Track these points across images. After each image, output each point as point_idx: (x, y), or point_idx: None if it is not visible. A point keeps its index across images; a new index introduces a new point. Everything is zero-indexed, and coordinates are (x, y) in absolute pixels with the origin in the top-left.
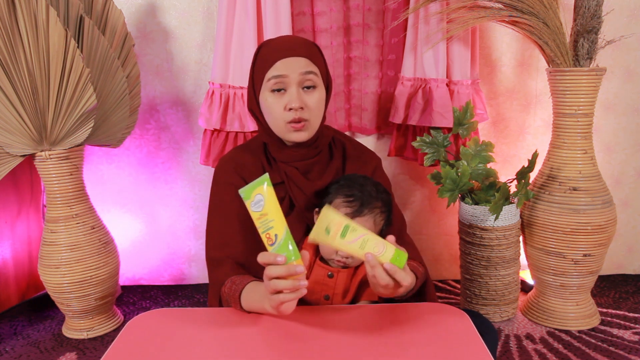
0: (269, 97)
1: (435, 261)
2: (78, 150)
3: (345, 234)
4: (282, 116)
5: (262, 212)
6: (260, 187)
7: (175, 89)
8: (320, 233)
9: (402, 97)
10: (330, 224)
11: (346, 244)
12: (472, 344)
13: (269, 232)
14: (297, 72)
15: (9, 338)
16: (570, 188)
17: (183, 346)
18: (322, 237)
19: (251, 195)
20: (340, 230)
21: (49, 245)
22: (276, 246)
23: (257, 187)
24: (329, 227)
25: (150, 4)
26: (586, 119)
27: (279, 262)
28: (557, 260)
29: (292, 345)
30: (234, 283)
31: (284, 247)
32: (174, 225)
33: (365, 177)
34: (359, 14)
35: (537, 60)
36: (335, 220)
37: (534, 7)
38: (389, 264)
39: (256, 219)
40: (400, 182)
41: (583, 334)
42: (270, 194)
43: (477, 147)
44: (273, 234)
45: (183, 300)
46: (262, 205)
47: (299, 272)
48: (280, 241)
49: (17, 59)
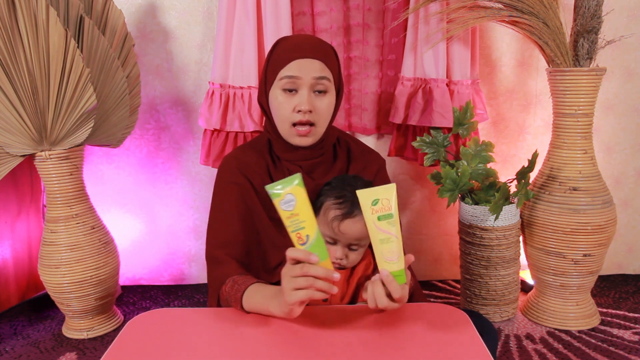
0: (280, 96)
1: (435, 261)
2: (78, 150)
3: (382, 219)
4: (290, 116)
5: (293, 212)
6: (292, 186)
7: (175, 89)
8: (368, 199)
9: (402, 97)
10: (382, 199)
11: (375, 227)
12: (472, 344)
13: (300, 232)
14: (310, 76)
15: (9, 338)
16: (570, 188)
17: (183, 346)
18: (366, 204)
19: (281, 194)
20: (383, 213)
21: (49, 245)
22: (307, 246)
23: (288, 186)
24: (379, 200)
25: (150, 4)
26: (586, 119)
27: (312, 260)
28: (557, 260)
29: (292, 345)
30: (236, 283)
31: (315, 248)
32: (174, 225)
33: (357, 177)
34: (359, 14)
35: (537, 60)
36: (388, 202)
37: (534, 7)
38: (386, 272)
39: (286, 218)
40: (400, 182)
41: (583, 334)
42: (302, 193)
43: (477, 147)
44: (304, 235)
45: (183, 300)
46: (293, 205)
47: (335, 278)
48: (312, 241)
49: (17, 59)
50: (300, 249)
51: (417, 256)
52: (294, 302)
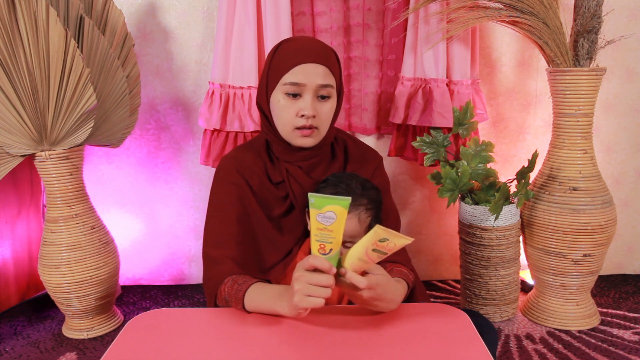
0: (282, 100)
1: (435, 261)
2: (78, 150)
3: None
4: (293, 121)
5: (328, 228)
6: (338, 207)
7: (175, 89)
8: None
9: (402, 97)
10: (390, 243)
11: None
12: (472, 344)
13: (325, 244)
14: (315, 83)
15: (9, 338)
16: (570, 188)
17: (183, 346)
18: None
19: (323, 207)
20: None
21: (49, 245)
22: (327, 257)
23: (333, 205)
24: (388, 241)
25: (150, 4)
26: (586, 119)
27: (330, 271)
28: (557, 260)
29: (292, 345)
30: (237, 282)
31: (333, 260)
32: (174, 225)
33: (352, 175)
34: (359, 14)
35: (537, 60)
36: (393, 247)
37: (534, 7)
38: (344, 269)
39: (317, 229)
40: (400, 182)
41: (583, 334)
42: (343, 217)
43: (477, 147)
44: (328, 248)
45: (183, 300)
46: (331, 222)
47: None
48: (332, 255)
49: (17, 59)
50: (323, 258)
51: (417, 256)
52: (303, 307)
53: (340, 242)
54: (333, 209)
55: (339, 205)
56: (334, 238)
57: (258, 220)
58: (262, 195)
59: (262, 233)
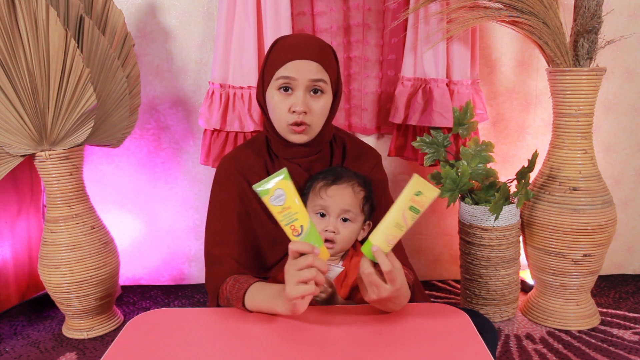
0: (275, 95)
1: (435, 261)
2: (78, 150)
3: (412, 210)
4: (285, 116)
5: (284, 206)
6: (280, 181)
7: (175, 89)
8: (414, 187)
9: (402, 97)
10: (423, 196)
11: (402, 212)
12: (472, 344)
13: (294, 224)
14: (306, 78)
15: (9, 338)
16: (570, 188)
17: (183, 346)
18: (410, 190)
19: (269, 191)
20: (416, 206)
21: (49, 245)
22: (303, 236)
23: (275, 182)
24: (421, 193)
25: (150, 4)
26: (586, 119)
27: (315, 252)
28: (557, 260)
29: (292, 345)
30: (238, 281)
31: (310, 237)
32: (174, 225)
33: (346, 168)
34: (359, 14)
35: (537, 60)
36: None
37: (534, 7)
38: (377, 247)
39: (277, 213)
40: (400, 182)
41: (583, 334)
42: (290, 187)
43: (477, 147)
44: (298, 225)
45: (183, 300)
46: (283, 199)
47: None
48: (307, 231)
49: (17, 59)
50: (298, 240)
51: (417, 256)
52: (295, 296)
53: (306, 213)
54: (278, 186)
55: (280, 179)
56: (296, 213)
57: (258, 219)
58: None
59: (263, 232)
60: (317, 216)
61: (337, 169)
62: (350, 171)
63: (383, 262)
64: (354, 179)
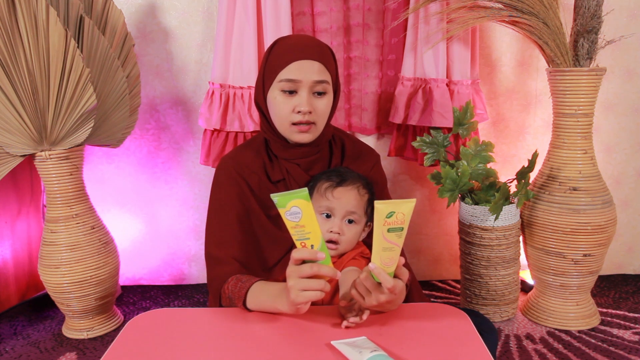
0: (278, 96)
1: (435, 261)
2: (78, 150)
3: (392, 231)
4: (289, 117)
5: (299, 224)
6: (299, 200)
7: (175, 89)
8: (384, 211)
9: (402, 97)
10: (398, 213)
11: (382, 237)
12: (472, 344)
13: (305, 241)
14: (310, 79)
15: (9, 338)
16: (570, 188)
17: (183, 346)
18: (380, 215)
19: (286, 204)
20: (395, 226)
21: (49, 245)
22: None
23: (294, 199)
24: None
25: (150, 4)
26: (586, 119)
27: (319, 258)
28: (557, 260)
29: (292, 344)
30: (240, 281)
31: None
32: (174, 225)
33: (346, 168)
34: (359, 14)
35: (537, 60)
36: (403, 216)
37: (534, 7)
38: (374, 265)
39: (291, 227)
40: (400, 182)
41: (583, 334)
42: (308, 207)
43: (477, 147)
44: (309, 244)
45: (183, 300)
46: (299, 217)
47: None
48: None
49: (17, 59)
50: (306, 249)
51: (417, 256)
52: (300, 302)
53: (319, 234)
54: (296, 204)
55: (299, 199)
56: (309, 233)
57: (258, 219)
58: (261, 194)
59: (263, 231)
60: (322, 217)
61: (341, 170)
62: (353, 172)
63: (384, 280)
64: (359, 181)
